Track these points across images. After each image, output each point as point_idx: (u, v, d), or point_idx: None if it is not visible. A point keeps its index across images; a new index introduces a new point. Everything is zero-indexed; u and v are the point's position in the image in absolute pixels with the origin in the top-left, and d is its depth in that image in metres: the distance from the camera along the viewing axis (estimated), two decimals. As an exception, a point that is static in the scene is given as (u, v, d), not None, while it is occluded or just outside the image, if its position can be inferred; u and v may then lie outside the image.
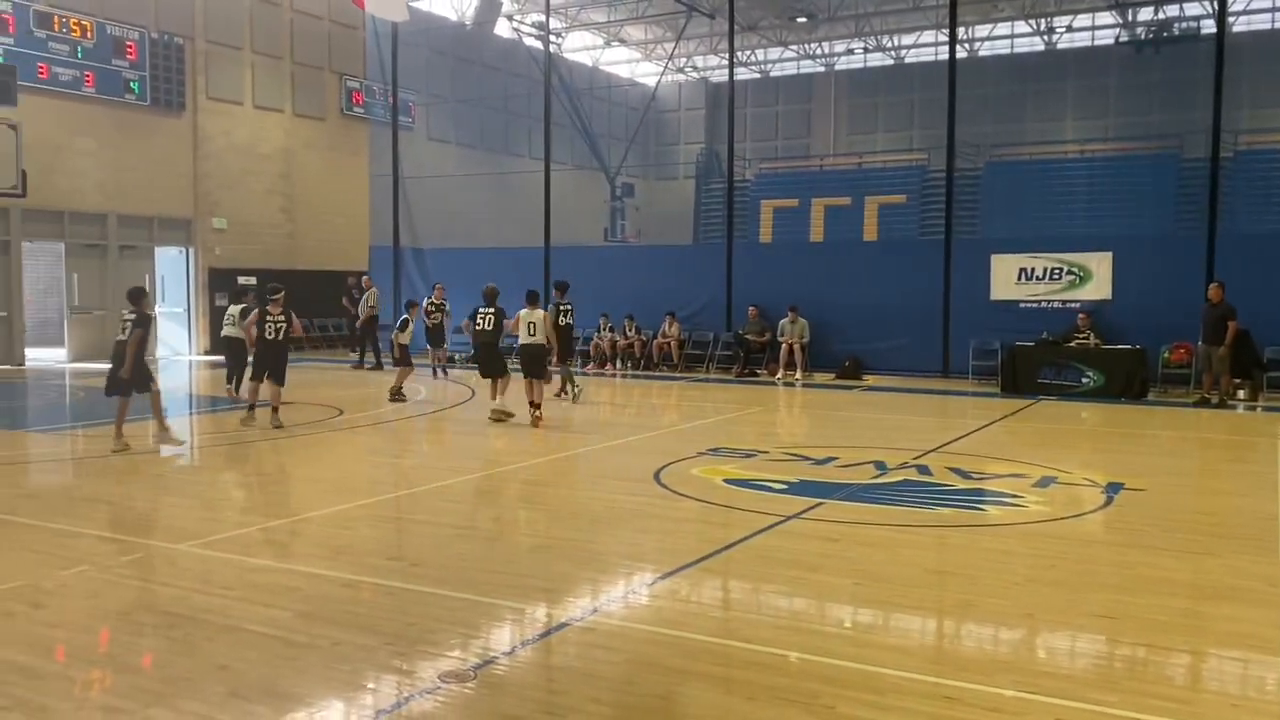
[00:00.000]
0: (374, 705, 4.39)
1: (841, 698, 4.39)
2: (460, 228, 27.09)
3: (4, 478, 9.90)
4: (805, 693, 4.43)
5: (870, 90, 40.71)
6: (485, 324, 13.43)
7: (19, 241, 21.06)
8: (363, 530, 7.64)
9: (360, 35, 27.75)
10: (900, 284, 19.21)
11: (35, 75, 20.46)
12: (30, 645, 5.00)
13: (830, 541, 7.11)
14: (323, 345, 25.86)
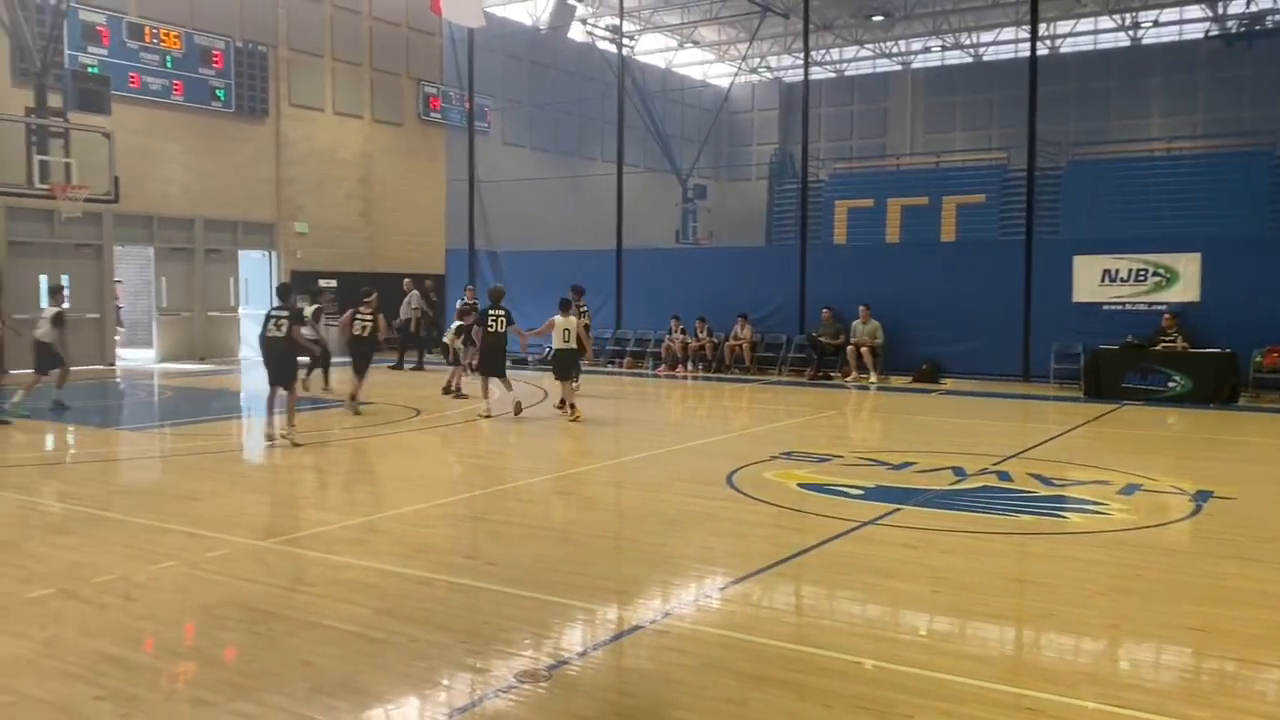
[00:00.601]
0: (450, 703, 4.44)
1: (920, 707, 4.32)
2: (534, 231, 27.34)
3: (96, 475, 10.26)
4: (882, 701, 4.38)
5: (948, 89, 40.11)
6: (497, 326, 13.93)
7: (111, 245, 21.80)
8: (440, 529, 7.75)
9: (437, 41, 28.19)
10: (979, 285, 18.87)
11: (127, 85, 21.17)
12: (122, 637, 5.17)
13: (908, 548, 7.01)
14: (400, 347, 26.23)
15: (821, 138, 38.72)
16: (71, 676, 4.60)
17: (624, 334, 23.01)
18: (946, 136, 39.62)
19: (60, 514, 8.01)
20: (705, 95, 41.48)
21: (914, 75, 41.42)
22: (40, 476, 10.22)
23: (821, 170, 34.07)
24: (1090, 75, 35.67)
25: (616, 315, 23.39)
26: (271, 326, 11.50)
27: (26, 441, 12.21)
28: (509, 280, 25.54)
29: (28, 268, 20.38)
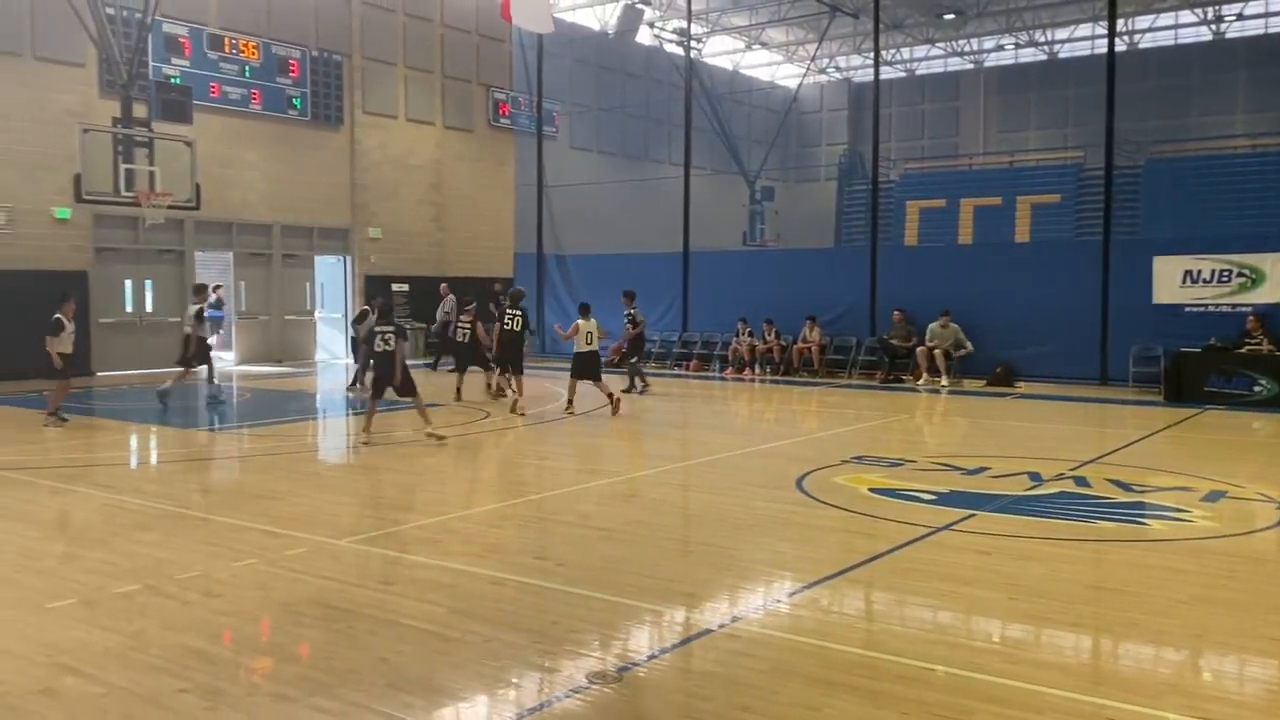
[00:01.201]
0: (524, 702, 4.49)
1: (999, 715, 4.25)
2: (601, 234, 27.48)
3: (179, 475, 10.56)
4: (960, 709, 4.31)
5: (1022, 87, 39.40)
6: (514, 324, 14.78)
7: (192, 251, 22.42)
8: (510, 530, 7.83)
9: (506, 48, 28.49)
10: (1055, 287, 18.49)
11: (208, 94, 21.76)
12: (205, 632, 5.32)
13: (983, 554, 6.89)
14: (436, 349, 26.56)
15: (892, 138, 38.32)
16: (158, 670, 4.75)
17: (690, 336, 23.00)
18: (1020, 135, 38.91)
19: (145, 512, 8.26)
20: (773, 96, 41.30)
21: (986, 74, 40.75)
22: (125, 475, 10.54)
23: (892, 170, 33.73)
24: (1171, 71, 34.75)
25: (683, 318, 23.40)
26: (379, 342, 11.94)
27: (112, 441, 12.61)
28: (576, 283, 25.76)
29: (114, 273, 21.07)
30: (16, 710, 4.30)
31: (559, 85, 29.95)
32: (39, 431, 12.92)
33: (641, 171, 33.19)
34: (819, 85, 42.95)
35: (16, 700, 4.40)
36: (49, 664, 4.82)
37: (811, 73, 39.51)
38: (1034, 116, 39.17)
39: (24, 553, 6.95)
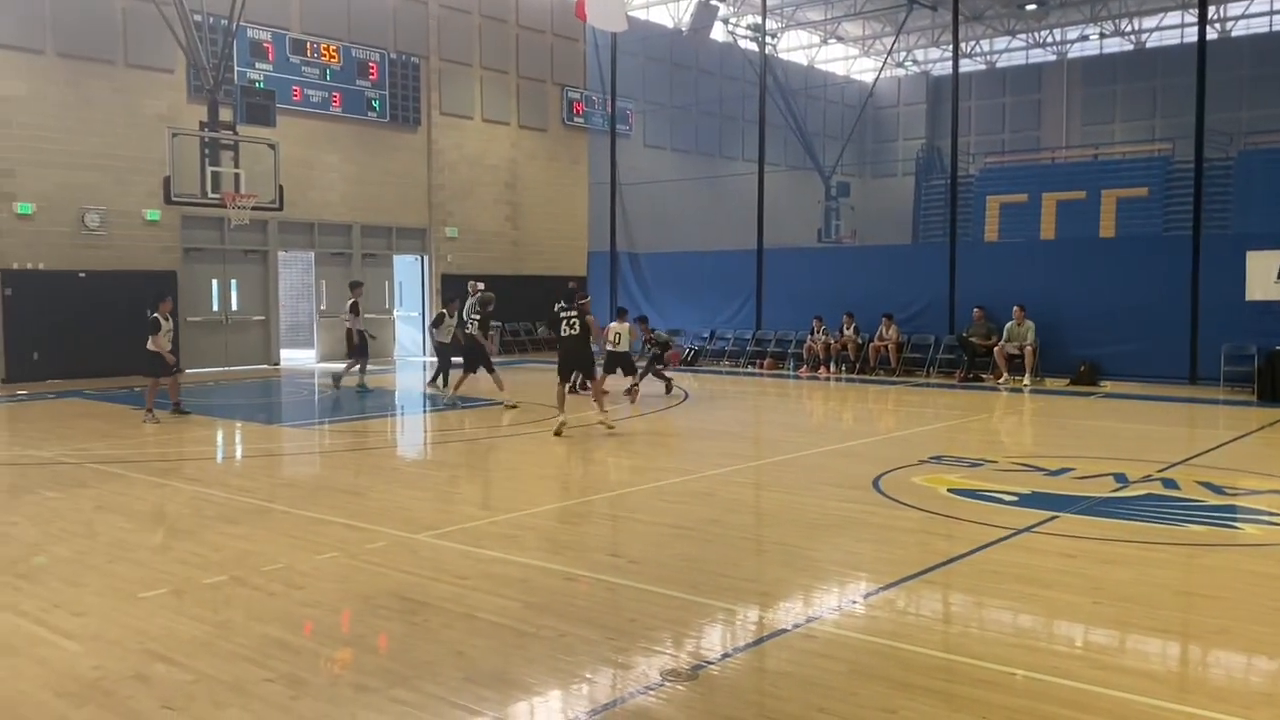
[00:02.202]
0: (599, 698, 4.50)
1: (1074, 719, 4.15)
2: (674, 232, 27.46)
3: (263, 469, 10.83)
4: (1043, 715, 4.21)
5: (1107, 78, 38.34)
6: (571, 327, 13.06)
7: (275, 251, 22.98)
8: (584, 526, 7.87)
9: (580, 47, 28.64)
10: (1142, 283, 17.96)
11: (290, 98, 22.28)
12: (289, 623, 5.44)
13: (1067, 557, 6.73)
14: (545, 348, 26.80)
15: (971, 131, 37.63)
16: (243, 659, 4.87)
17: (764, 334, 22.87)
18: (1105, 128, 37.84)
19: (231, 505, 8.49)
20: (849, 91, 40.81)
21: (1070, 65, 39.73)
22: (211, 469, 10.85)
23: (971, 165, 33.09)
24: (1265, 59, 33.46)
25: (756, 316, 23.27)
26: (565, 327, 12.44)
27: (199, 436, 12.99)
28: (648, 281, 25.78)
29: (201, 273, 21.70)
30: (112, 695, 4.46)
31: (633, 83, 29.99)
32: (132, 426, 13.38)
33: (715, 169, 33.08)
34: (896, 79, 42.32)
35: (112, 685, 4.56)
36: (141, 651, 4.98)
37: (888, 66, 38.97)
38: (1120, 108, 38.09)
39: (118, 543, 7.19)
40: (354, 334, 17.40)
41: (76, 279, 19.59)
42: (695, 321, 24.18)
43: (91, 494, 8.92)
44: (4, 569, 6.49)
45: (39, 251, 19.24)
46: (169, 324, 14.15)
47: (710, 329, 23.79)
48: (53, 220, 19.37)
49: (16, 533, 7.53)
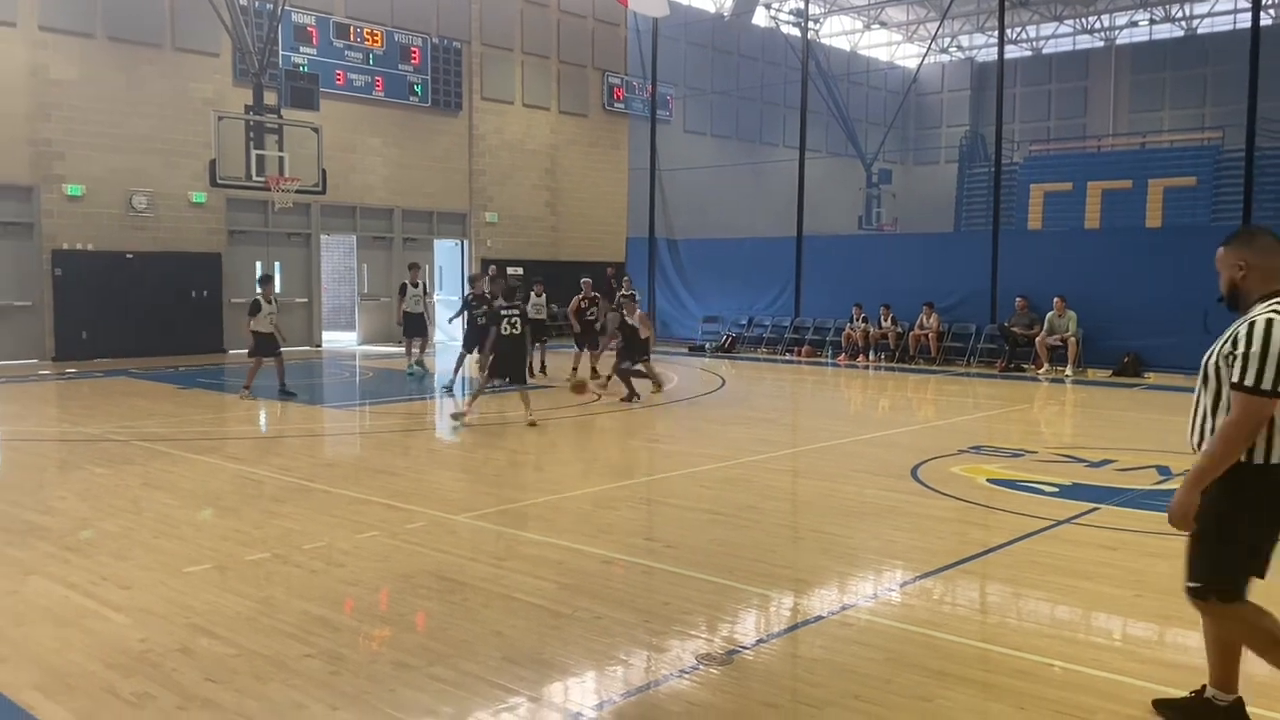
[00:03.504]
0: (634, 680, 4.53)
1: (1120, 715, 4.12)
2: (713, 218, 27.40)
3: (304, 449, 10.97)
4: (1080, 707, 4.19)
5: (1156, 64, 37.65)
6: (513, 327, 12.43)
7: (318, 234, 23.22)
8: (621, 510, 7.90)
9: (622, 33, 28.58)
10: (1189, 274, 17.58)
11: (333, 82, 22.46)
12: (330, 600, 5.53)
13: (1106, 549, 6.66)
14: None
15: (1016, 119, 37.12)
16: (285, 635, 4.96)
17: (803, 322, 22.77)
18: (1153, 116, 37.19)
19: (273, 483, 8.62)
20: (891, 77, 40.43)
21: (1118, 51, 39.06)
22: (254, 449, 11.01)
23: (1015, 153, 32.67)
24: (1321, 45, 32.69)
25: (795, 303, 23.17)
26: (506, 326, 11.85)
27: (242, 415, 13.18)
28: (686, 267, 25.73)
29: (245, 255, 21.98)
30: (158, 667, 4.55)
31: (673, 69, 29.91)
32: (177, 404, 13.61)
33: (755, 155, 32.93)
34: (940, 65, 41.84)
35: (158, 658, 4.66)
36: (186, 624, 5.08)
37: (932, 52, 38.51)
38: (1169, 96, 37.40)
39: (163, 519, 7.33)
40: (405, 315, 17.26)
41: (124, 260, 19.93)
42: (733, 308, 24.13)
43: (138, 470, 9.10)
44: (54, 542, 6.64)
45: (88, 233, 19.59)
46: (271, 306, 14.43)
47: (748, 316, 23.73)
48: (102, 202, 19.70)
49: (65, 507, 7.70)
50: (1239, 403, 3.63)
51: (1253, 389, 3.59)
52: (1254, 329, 3.65)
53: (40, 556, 6.30)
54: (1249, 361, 3.61)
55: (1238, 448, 3.65)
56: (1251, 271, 3.83)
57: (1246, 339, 3.64)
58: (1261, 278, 3.81)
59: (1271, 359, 3.57)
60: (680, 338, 24.80)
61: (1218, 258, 3.97)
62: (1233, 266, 3.89)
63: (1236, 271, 3.87)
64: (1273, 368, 3.56)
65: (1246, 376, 3.60)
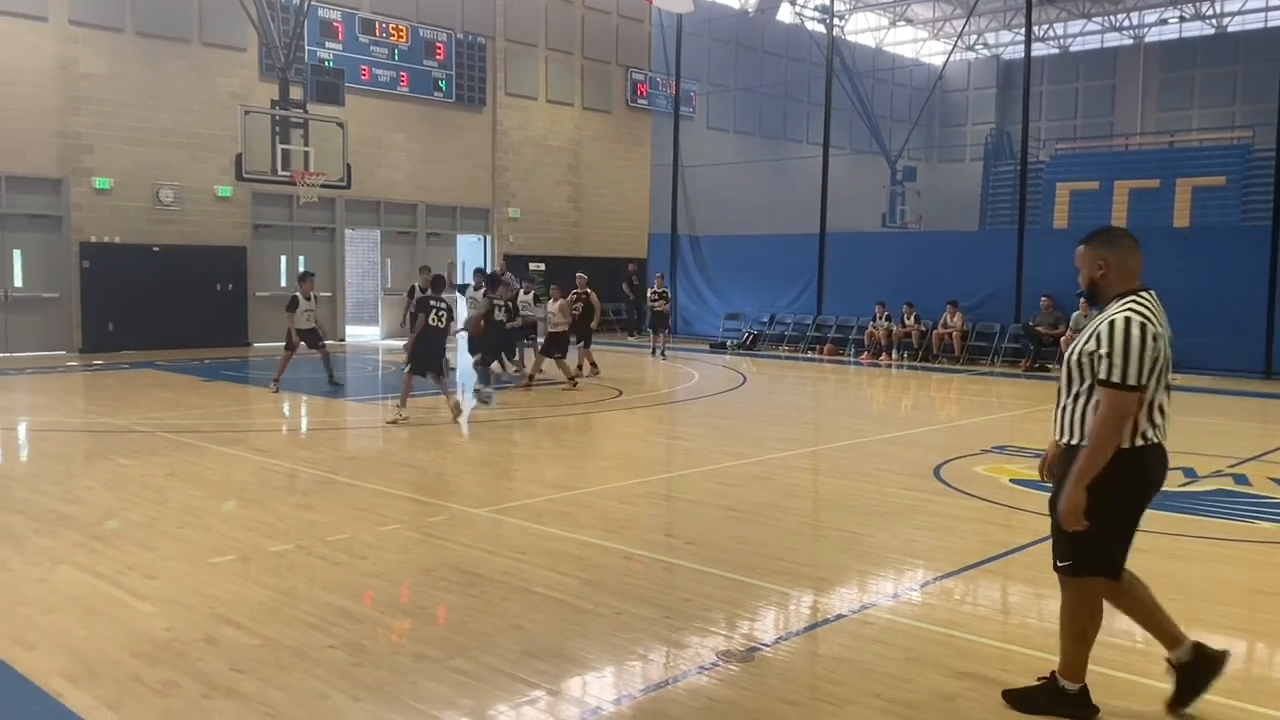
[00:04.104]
0: (654, 676, 4.54)
1: (1142, 716, 4.09)
2: (736, 215, 27.34)
3: (328, 442, 11.05)
4: (1106, 709, 4.16)
5: (1185, 63, 37.25)
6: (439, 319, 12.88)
7: (342, 229, 23.34)
8: (642, 506, 7.91)
9: (646, 28, 28.57)
10: (1216, 275, 17.49)
11: (359, 77, 22.56)
12: (353, 592, 5.57)
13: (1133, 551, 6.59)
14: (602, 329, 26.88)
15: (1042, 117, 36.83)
16: (308, 625, 5.00)
17: (825, 320, 22.70)
18: (1182, 114, 36.81)
19: (297, 475, 8.69)
20: (917, 74, 40.18)
21: (1147, 49, 38.68)
22: (278, 441, 11.10)
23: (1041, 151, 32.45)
24: (1354, 44, 32.26)
25: (817, 301, 23.11)
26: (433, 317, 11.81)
27: (267, 408, 13.28)
28: (709, 264, 25.69)
29: (270, 249, 22.13)
30: (184, 656, 4.60)
31: (697, 65, 29.85)
32: (202, 396, 13.73)
33: (779, 152, 32.83)
34: (966, 62, 41.55)
35: (183, 647, 4.71)
36: (210, 614, 5.13)
37: (958, 50, 38.24)
38: (1198, 94, 37.00)
39: (188, 510, 7.40)
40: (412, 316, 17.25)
41: (151, 253, 20.11)
42: (755, 305, 24.09)
43: (163, 461, 9.19)
44: (82, 531, 6.72)
45: (115, 226, 19.77)
46: (310, 303, 14.57)
47: (770, 313, 23.68)
48: (129, 195, 19.88)
49: (92, 497, 7.78)
50: (1107, 398, 3.86)
51: (1119, 385, 3.83)
52: (1114, 328, 3.87)
53: (68, 545, 6.38)
54: (1113, 359, 3.84)
55: (1113, 440, 3.89)
56: (1111, 270, 4.07)
57: (1109, 338, 3.87)
58: (1120, 276, 4.06)
59: (1133, 355, 3.81)
60: (702, 335, 24.79)
61: (1079, 255, 4.17)
62: (1093, 264, 4.11)
63: (1096, 269, 4.10)
64: (1135, 364, 3.81)
65: (1113, 373, 3.83)
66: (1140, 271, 4.11)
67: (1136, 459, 3.96)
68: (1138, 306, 3.94)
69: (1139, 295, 4.00)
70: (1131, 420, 3.90)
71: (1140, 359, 3.82)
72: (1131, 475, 3.98)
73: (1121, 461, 3.93)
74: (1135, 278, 4.07)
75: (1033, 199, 24.13)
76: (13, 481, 8.47)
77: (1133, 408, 3.87)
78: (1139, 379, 3.83)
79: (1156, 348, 3.87)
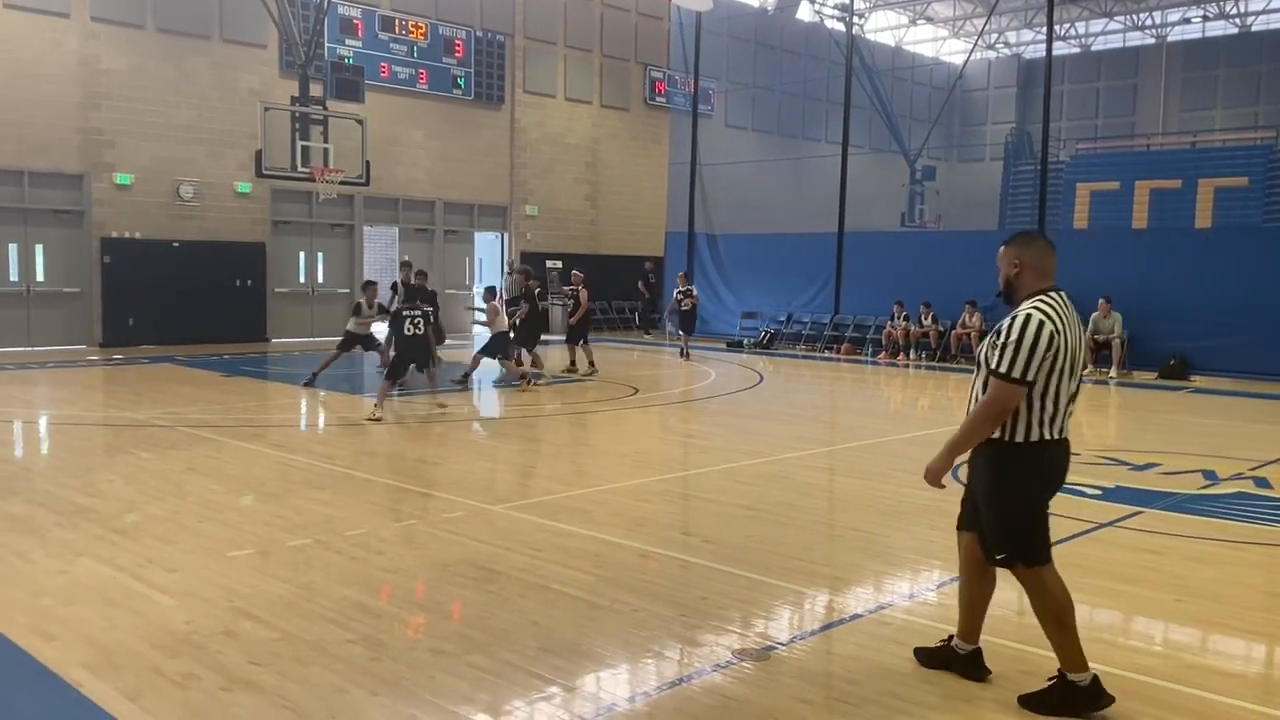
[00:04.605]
0: (669, 673, 4.55)
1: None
2: (754, 214, 27.30)
3: (345, 437, 11.09)
4: (1122, 711, 4.14)
5: (1208, 62, 36.97)
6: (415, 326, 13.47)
7: (361, 226, 23.43)
8: (658, 504, 7.92)
9: (664, 26, 28.55)
10: (1238, 276, 17.35)
11: (378, 74, 22.64)
12: (370, 587, 5.59)
13: (1151, 554, 6.58)
14: (619, 327, 26.93)
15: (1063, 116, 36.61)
16: (326, 619, 5.02)
17: (842, 319, 22.64)
18: (1205, 115, 36.53)
19: (315, 471, 8.73)
20: (937, 73, 40.03)
21: (1169, 48, 38.39)
22: (296, 436, 11.15)
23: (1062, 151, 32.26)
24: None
25: (835, 300, 23.04)
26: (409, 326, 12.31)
27: (284, 404, 13.34)
28: (726, 263, 25.66)
29: (289, 245, 22.24)
30: (203, 648, 4.64)
31: (716, 63, 29.82)
32: (221, 391, 13.81)
33: (797, 150, 32.77)
34: (986, 61, 41.37)
35: (203, 639, 4.74)
36: (229, 608, 5.17)
37: (979, 49, 38.08)
38: (1221, 94, 36.72)
39: (207, 504, 7.45)
40: None
41: (171, 248, 20.24)
42: (772, 304, 24.05)
43: (183, 456, 9.25)
44: (102, 524, 6.78)
45: (136, 221, 19.91)
46: (371, 311, 14.94)
47: (787, 312, 23.64)
48: (149, 191, 20.01)
49: (113, 490, 7.84)
50: (993, 387, 4.06)
51: (1004, 376, 4.01)
52: (1014, 322, 4.06)
53: (89, 538, 6.43)
54: (1005, 351, 4.02)
55: (986, 426, 4.10)
56: (1025, 270, 4.25)
57: (1008, 331, 4.06)
58: (1033, 276, 4.24)
59: (1024, 350, 3.98)
60: (719, 333, 24.76)
61: (999, 255, 4.37)
62: (1010, 264, 4.31)
63: (1012, 269, 4.29)
64: (1024, 359, 3.97)
65: (1002, 365, 4.02)
66: (1054, 272, 4.26)
67: (1039, 453, 4.11)
68: (1043, 305, 4.09)
69: (1048, 295, 4.15)
70: (1029, 414, 4.05)
71: (1031, 355, 3.97)
72: (1037, 468, 4.14)
73: (1026, 455, 4.11)
74: (1048, 278, 4.24)
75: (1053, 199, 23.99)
76: (34, 474, 8.55)
77: (1015, 400, 4.02)
78: (1025, 374, 3.98)
79: (1055, 346, 3.99)
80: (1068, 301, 4.19)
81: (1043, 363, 3.99)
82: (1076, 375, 4.14)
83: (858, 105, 27.37)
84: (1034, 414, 4.07)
